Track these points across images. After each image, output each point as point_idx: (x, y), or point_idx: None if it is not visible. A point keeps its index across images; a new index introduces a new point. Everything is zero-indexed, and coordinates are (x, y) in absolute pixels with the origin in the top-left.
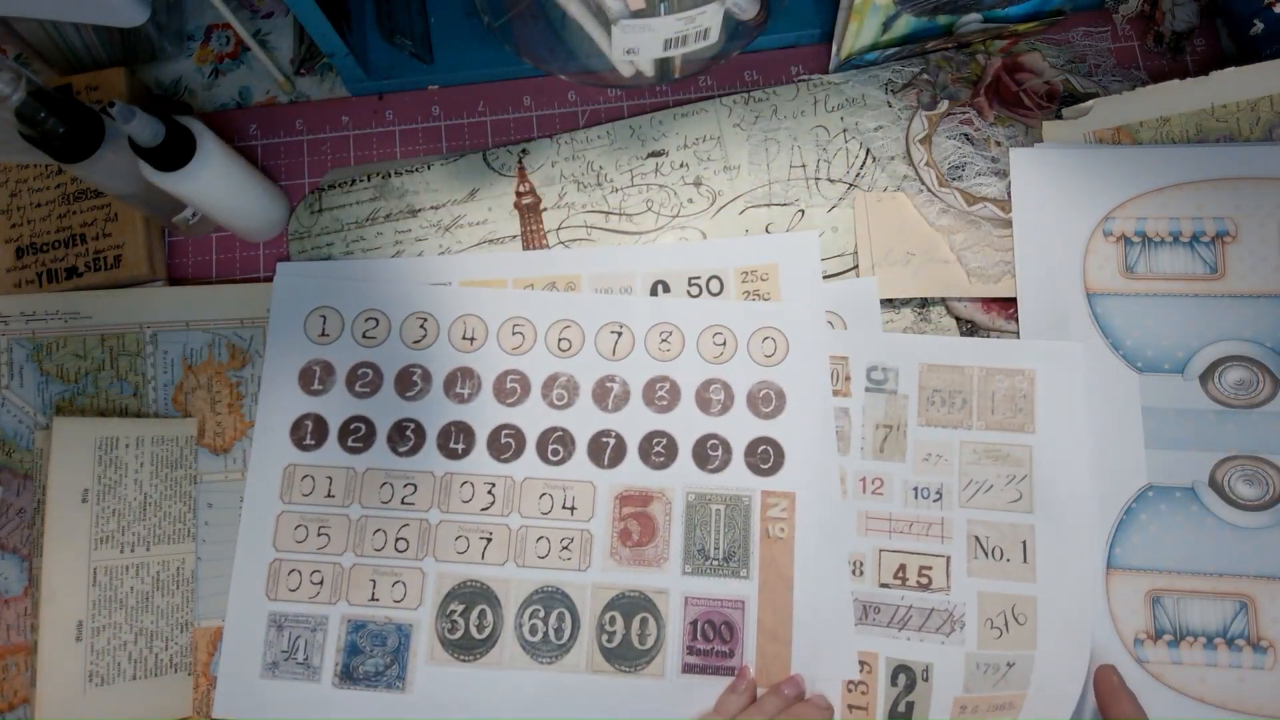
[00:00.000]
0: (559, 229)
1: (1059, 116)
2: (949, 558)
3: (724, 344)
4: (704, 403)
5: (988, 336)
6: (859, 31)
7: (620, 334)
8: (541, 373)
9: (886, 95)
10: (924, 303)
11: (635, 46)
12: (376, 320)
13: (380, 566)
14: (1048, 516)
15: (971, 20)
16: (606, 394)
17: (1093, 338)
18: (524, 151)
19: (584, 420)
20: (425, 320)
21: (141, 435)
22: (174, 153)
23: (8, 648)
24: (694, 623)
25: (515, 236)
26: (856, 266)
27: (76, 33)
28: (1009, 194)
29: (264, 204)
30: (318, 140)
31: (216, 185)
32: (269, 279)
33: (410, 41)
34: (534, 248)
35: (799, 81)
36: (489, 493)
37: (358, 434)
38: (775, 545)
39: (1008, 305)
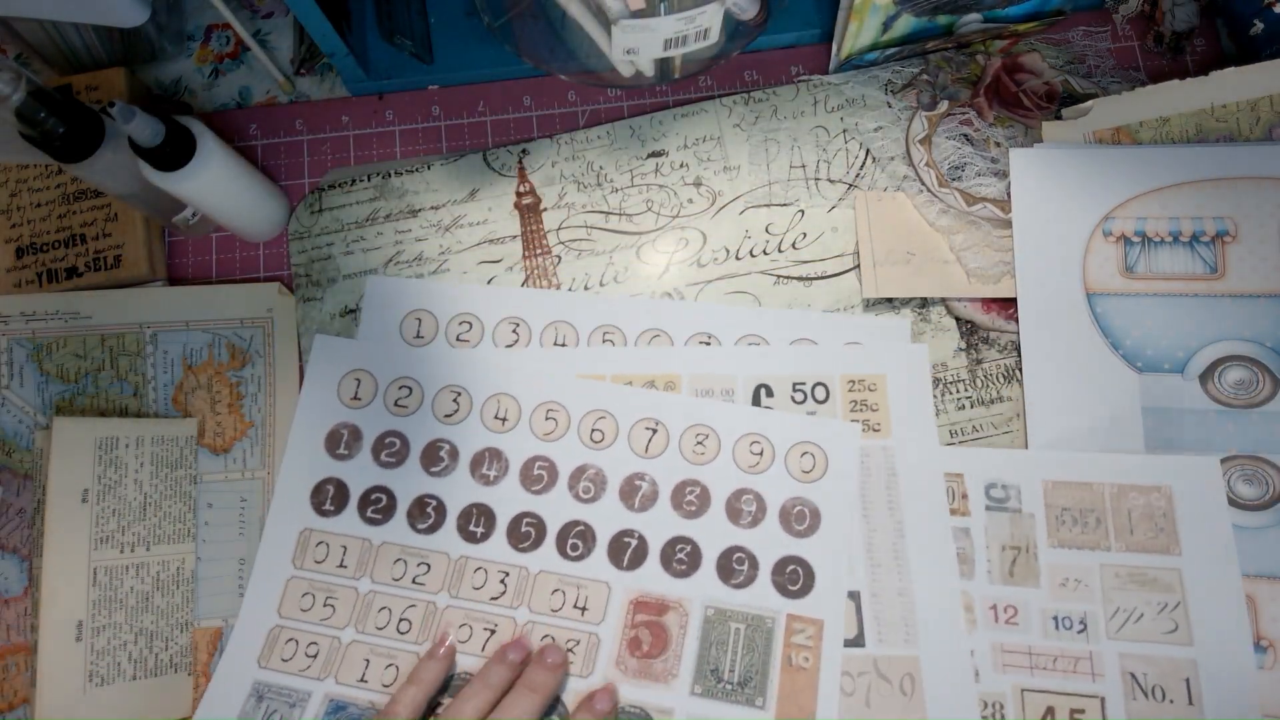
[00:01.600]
0: (559, 229)
1: (1059, 117)
2: (1104, 698)
3: (761, 454)
4: (734, 513)
5: (987, 337)
6: (859, 31)
7: (655, 431)
8: (571, 463)
9: (886, 95)
10: (924, 303)
11: (635, 46)
12: (410, 389)
13: (378, 646)
14: (1209, 651)
15: (971, 20)
16: (634, 492)
17: (1093, 338)
18: (524, 151)
19: (608, 517)
20: (459, 395)
21: (141, 435)
22: (174, 153)
23: (8, 648)
24: None
25: (515, 237)
26: (857, 266)
27: (76, 33)
28: (1009, 194)
29: (264, 204)
30: (318, 140)
31: (216, 185)
32: (269, 279)
33: (410, 41)
34: (534, 249)
35: (799, 81)
36: (501, 582)
37: (378, 504)
38: (797, 675)
39: (1008, 305)
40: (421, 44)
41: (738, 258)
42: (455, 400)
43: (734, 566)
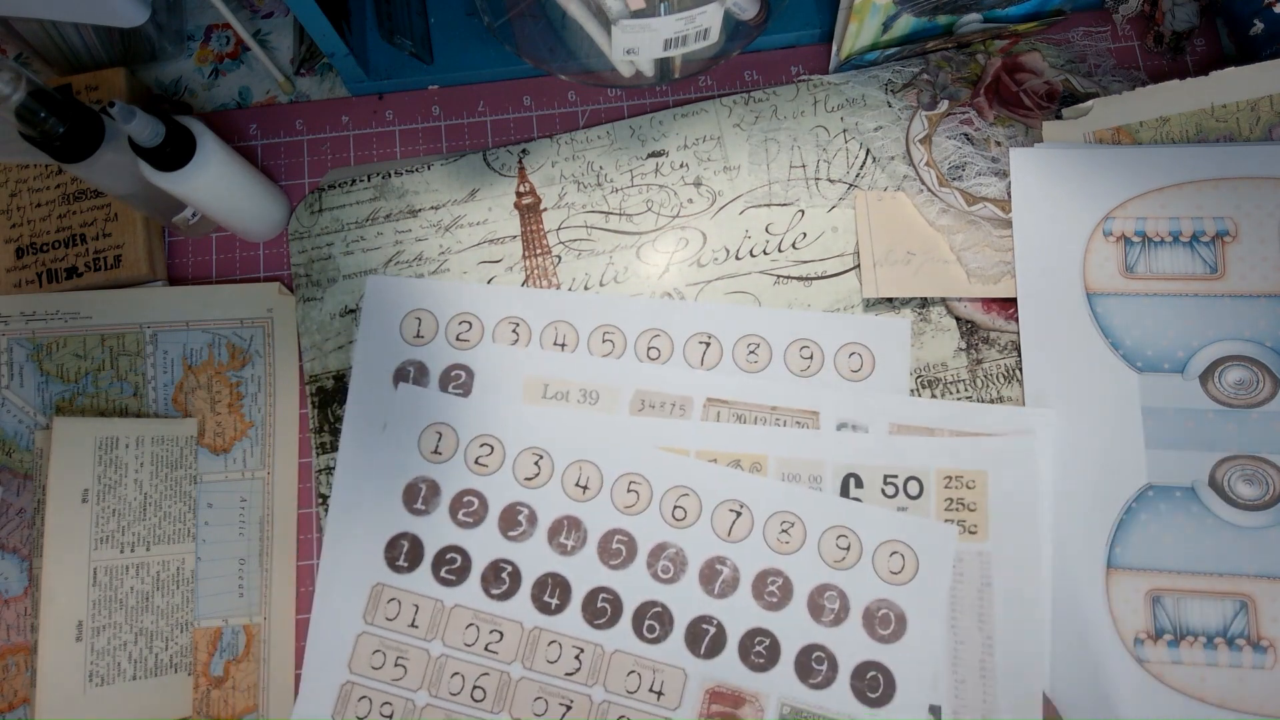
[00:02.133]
0: (559, 229)
1: (1059, 116)
2: None
3: (848, 549)
4: (816, 609)
5: (987, 337)
6: (859, 32)
7: (739, 514)
8: (651, 539)
9: (886, 95)
10: (924, 303)
11: (635, 46)
12: (491, 448)
13: (453, 712)
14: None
15: (971, 20)
16: (715, 576)
17: (1093, 338)
18: (524, 151)
19: (686, 600)
20: (541, 458)
21: (141, 435)
22: (174, 153)
23: (8, 648)
24: None
25: (515, 237)
26: (857, 266)
27: (76, 33)
28: (1009, 194)
29: (264, 204)
30: (318, 140)
31: (216, 185)
32: (269, 279)
33: (410, 41)
34: (534, 249)
35: (799, 81)
36: (576, 658)
37: (453, 565)
38: None
39: (1008, 305)
40: (421, 44)
41: (738, 258)
42: (537, 464)
43: (813, 666)
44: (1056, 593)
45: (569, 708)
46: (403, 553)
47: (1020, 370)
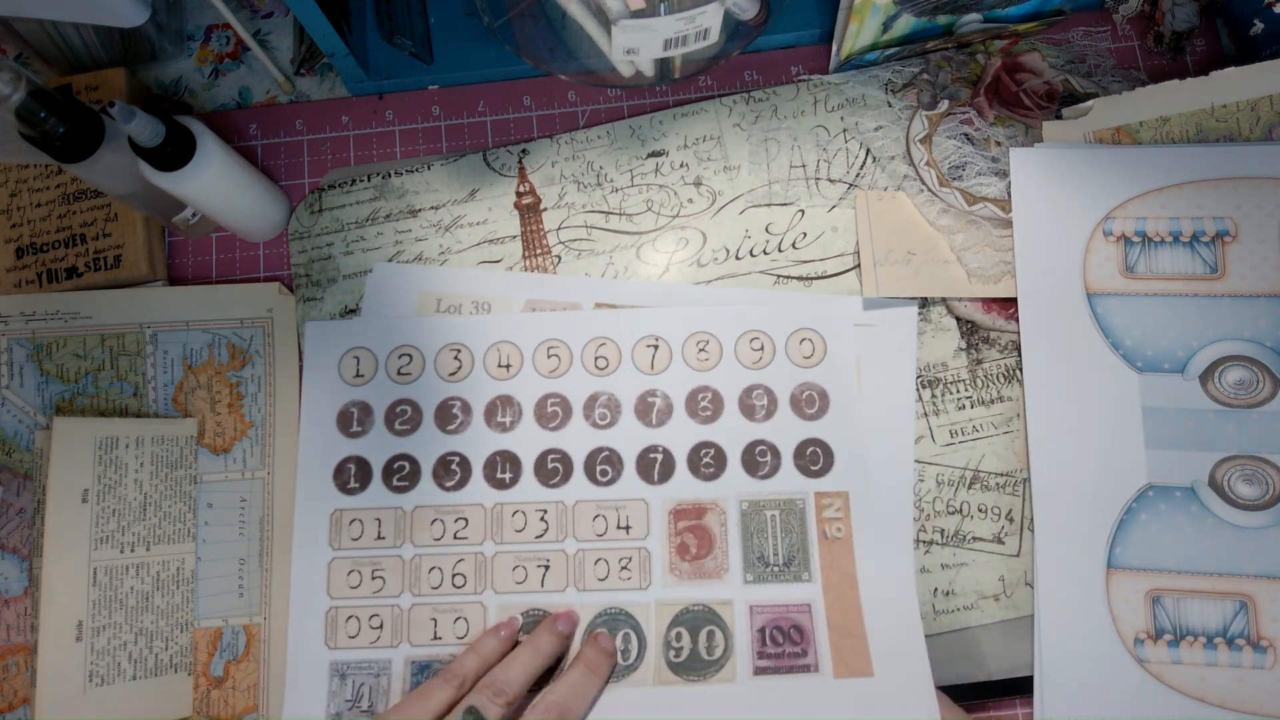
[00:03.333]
0: (559, 229)
1: (1059, 116)
2: None
3: (761, 349)
4: (748, 409)
5: (988, 337)
6: (859, 32)
7: (657, 348)
8: (582, 394)
9: (886, 95)
10: (924, 303)
11: (635, 46)
12: (410, 356)
13: (440, 604)
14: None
15: (971, 20)
16: (649, 409)
17: (1093, 338)
18: (524, 151)
19: (629, 438)
20: (459, 351)
21: (141, 435)
22: (174, 153)
23: (8, 648)
24: (762, 630)
25: (515, 237)
26: (858, 266)
27: (76, 33)
28: (1009, 194)
29: (264, 204)
30: (318, 140)
31: (216, 185)
32: (269, 279)
33: (410, 41)
34: (534, 249)
35: (799, 81)
36: (541, 519)
37: (402, 473)
38: (834, 545)
39: (1008, 305)
40: (421, 44)
41: (738, 257)
42: (456, 357)
43: (758, 459)
44: (1056, 593)
45: (547, 567)
46: (351, 475)
47: (1020, 370)
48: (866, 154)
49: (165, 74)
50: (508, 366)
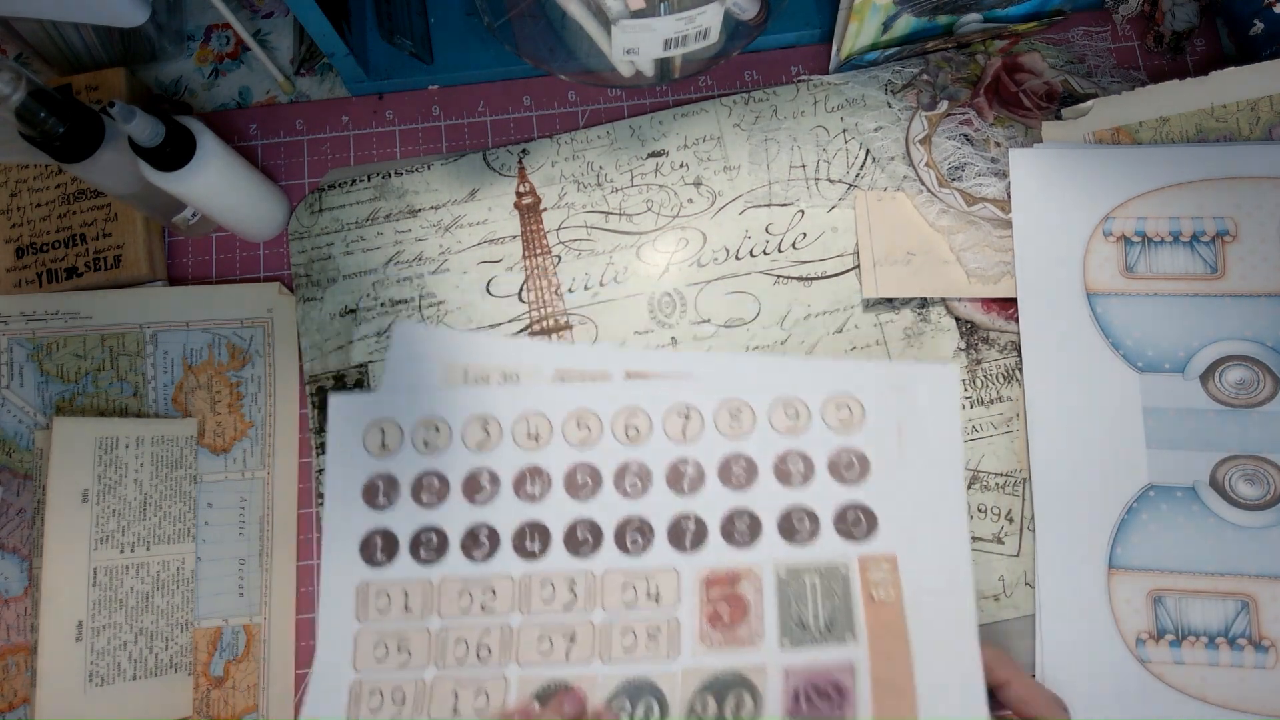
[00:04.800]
0: (559, 229)
1: (1059, 117)
2: None
3: (797, 416)
4: (784, 475)
5: (987, 337)
6: (859, 32)
7: (688, 417)
8: (612, 463)
9: (886, 96)
10: (924, 303)
11: (635, 46)
12: (437, 428)
13: (462, 678)
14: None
15: (971, 20)
16: (680, 477)
17: (1093, 338)
18: (524, 151)
19: (661, 506)
20: (487, 422)
21: (141, 435)
22: (174, 153)
23: (8, 648)
24: (796, 690)
25: (515, 237)
26: (857, 266)
27: (76, 33)
28: (1009, 194)
29: (264, 204)
30: (318, 140)
31: (216, 185)
32: (269, 279)
33: (410, 41)
34: (534, 249)
35: (799, 81)
36: (570, 590)
37: (430, 545)
38: (883, 608)
39: (1008, 305)
40: (421, 44)
41: (738, 258)
42: (484, 428)
43: (795, 526)
44: (1057, 593)
45: (573, 639)
46: (377, 549)
47: (1020, 370)
48: (866, 154)
49: (165, 74)
50: (537, 437)
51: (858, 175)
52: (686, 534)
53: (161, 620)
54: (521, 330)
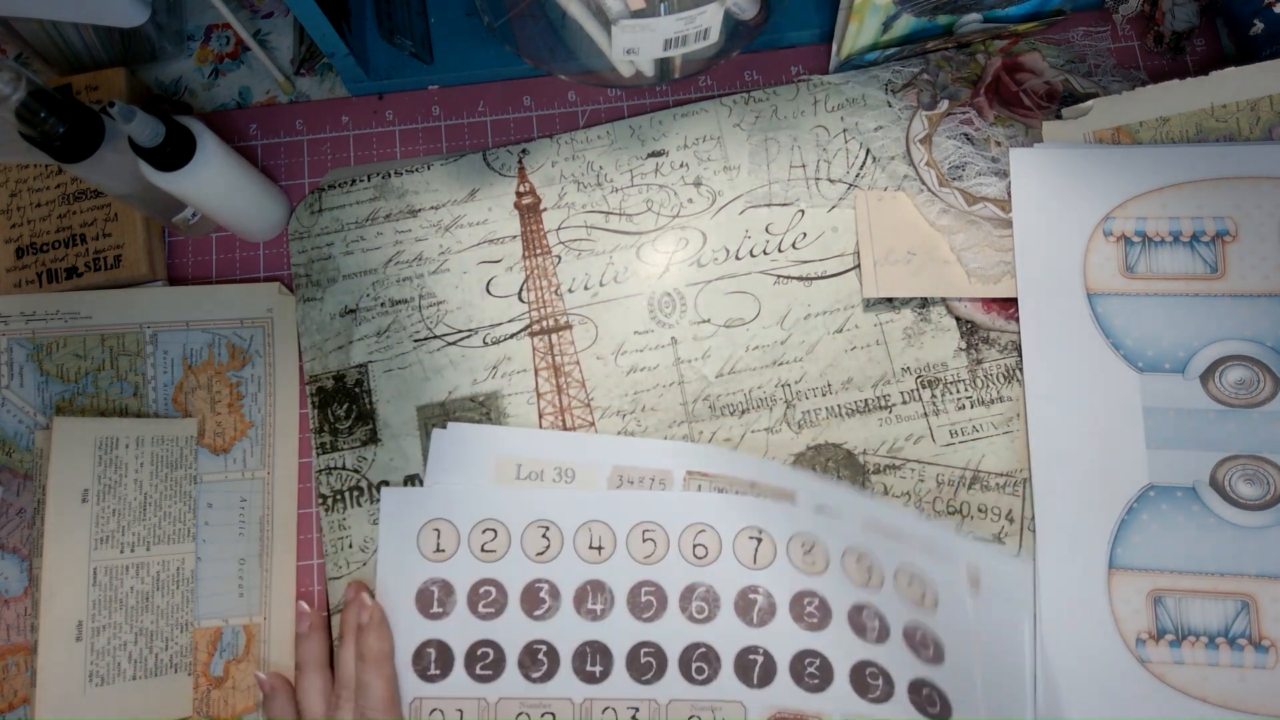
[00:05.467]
0: (559, 229)
1: (1059, 116)
2: None
3: (869, 571)
4: (859, 627)
5: (987, 337)
6: (859, 31)
7: (760, 540)
8: (678, 584)
9: (886, 95)
10: (924, 303)
11: (635, 46)
12: (494, 532)
13: None
14: None
15: (971, 20)
16: (750, 606)
17: (1093, 338)
18: (524, 151)
19: (728, 636)
20: (547, 529)
21: (141, 435)
22: (174, 153)
23: (8, 648)
24: None
25: (515, 237)
26: (858, 266)
27: (76, 33)
28: (1009, 194)
29: (264, 204)
30: (318, 140)
31: (216, 185)
32: (269, 279)
33: (410, 41)
34: (534, 249)
35: (799, 81)
36: (634, 718)
37: (486, 660)
38: None
39: (1008, 305)
40: (421, 44)
41: (738, 258)
42: (545, 536)
43: (869, 681)
44: (1058, 593)
45: None
46: (431, 661)
47: (1020, 370)
48: (866, 154)
49: (165, 74)
50: (599, 549)
51: (858, 175)
52: (754, 667)
53: (161, 620)
54: (522, 330)
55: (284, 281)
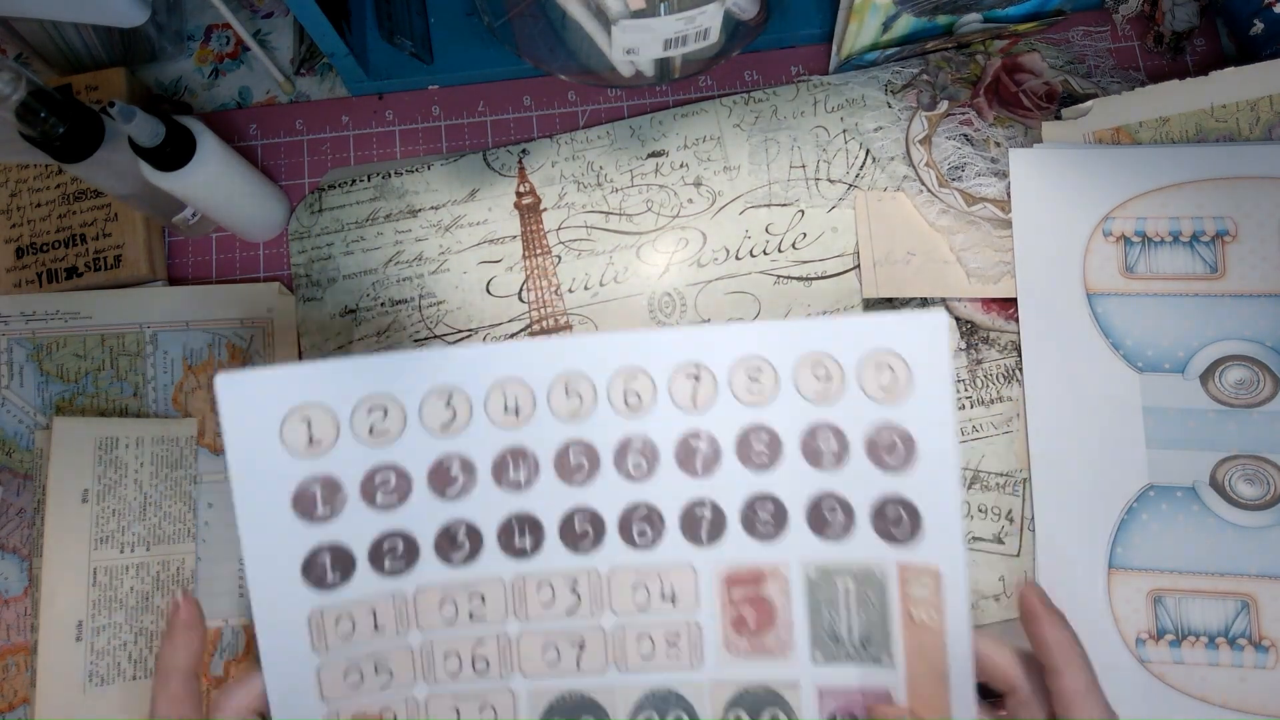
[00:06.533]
0: (559, 229)
1: (1058, 117)
2: None
3: (829, 378)
4: (813, 455)
5: (987, 337)
6: (859, 31)
7: (699, 378)
8: (611, 439)
9: (886, 96)
10: (924, 303)
11: (635, 46)
12: (385, 410)
13: (462, 692)
14: None
15: (971, 20)
16: (693, 455)
17: (1093, 338)
18: (524, 151)
19: (670, 491)
20: (451, 396)
21: (141, 435)
22: (174, 153)
23: (8, 648)
24: (832, 718)
25: (515, 237)
26: (857, 266)
27: (76, 33)
28: (1009, 194)
29: (264, 204)
30: (318, 140)
31: (216, 185)
32: (269, 279)
33: (410, 41)
34: (534, 249)
35: (799, 81)
36: (572, 591)
37: (395, 553)
38: (922, 632)
39: (1008, 305)
40: (421, 44)
41: (738, 258)
42: (449, 404)
43: (826, 516)
44: (1057, 593)
45: (582, 646)
46: (326, 569)
47: (1020, 370)
48: (866, 154)
49: (165, 74)
50: (517, 411)
51: (858, 175)
52: (702, 524)
53: (161, 620)
54: (522, 330)
55: (284, 281)
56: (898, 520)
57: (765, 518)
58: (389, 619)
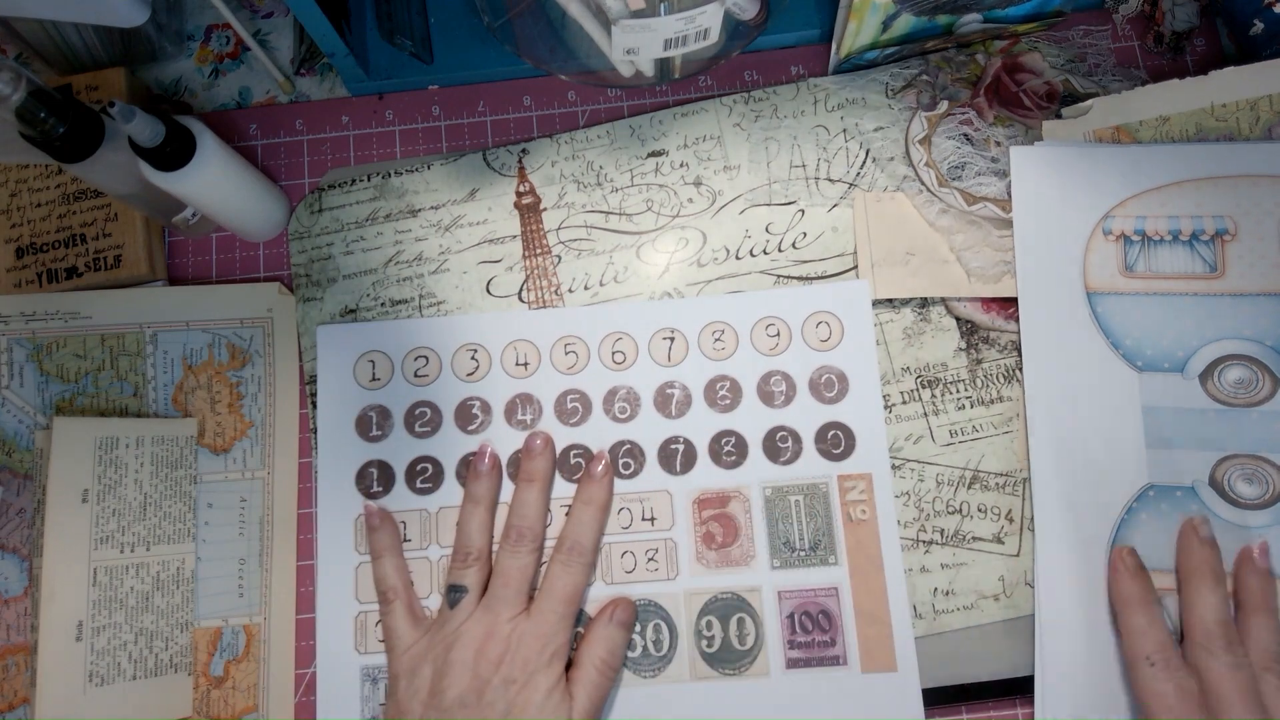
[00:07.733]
0: (559, 229)
1: (1059, 116)
2: None
3: (778, 334)
4: (767, 396)
5: (987, 337)
6: (858, 31)
7: (673, 339)
8: (601, 388)
9: (886, 96)
10: (924, 303)
11: (635, 46)
12: (426, 358)
13: None
14: None
15: (971, 20)
16: (668, 401)
17: (1093, 337)
18: (524, 151)
19: (650, 430)
20: (476, 351)
21: (141, 435)
22: (174, 153)
23: (8, 648)
24: (791, 616)
25: (515, 236)
26: (856, 266)
27: (76, 33)
28: (1009, 194)
29: (264, 204)
30: (318, 140)
31: (216, 185)
32: (269, 279)
33: (410, 41)
34: (534, 248)
35: (799, 81)
36: (566, 514)
37: (425, 474)
38: (860, 528)
39: (1008, 305)
40: (421, 44)
41: (738, 257)
42: (474, 357)
43: (779, 445)
44: (1057, 593)
45: None
46: (373, 480)
47: (1020, 370)
48: (866, 154)
49: (165, 74)
50: (525, 364)
51: (858, 175)
52: (676, 456)
53: (161, 620)
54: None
55: (284, 281)
56: (836, 442)
57: (729, 449)
58: (415, 532)
